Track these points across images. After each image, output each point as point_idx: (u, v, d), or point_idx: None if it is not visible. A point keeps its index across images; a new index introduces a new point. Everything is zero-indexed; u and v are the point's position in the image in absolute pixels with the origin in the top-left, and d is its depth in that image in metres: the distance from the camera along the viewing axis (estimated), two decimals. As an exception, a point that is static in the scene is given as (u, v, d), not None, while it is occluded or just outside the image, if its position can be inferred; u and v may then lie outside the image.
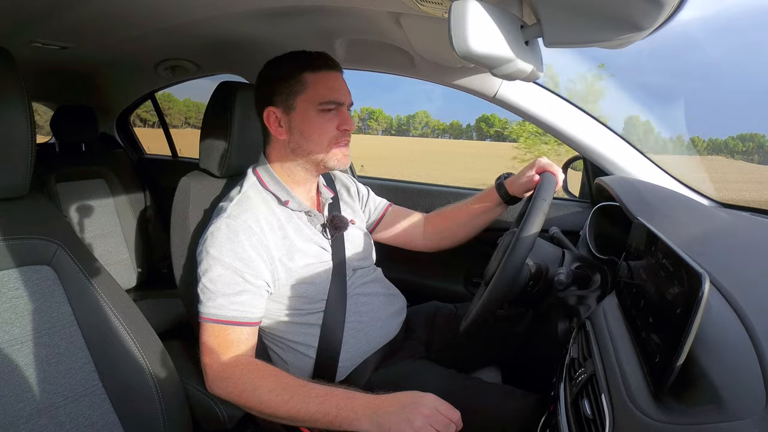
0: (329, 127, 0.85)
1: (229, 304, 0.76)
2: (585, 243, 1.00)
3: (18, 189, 0.67)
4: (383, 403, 0.67)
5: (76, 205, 1.72)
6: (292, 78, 0.84)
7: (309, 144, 0.86)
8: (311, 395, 0.69)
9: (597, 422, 0.49)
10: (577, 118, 1.10)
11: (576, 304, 0.78)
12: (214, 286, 0.76)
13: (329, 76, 0.85)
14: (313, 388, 0.71)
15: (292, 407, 0.69)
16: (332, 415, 0.67)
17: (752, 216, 0.93)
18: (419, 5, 0.70)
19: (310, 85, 0.84)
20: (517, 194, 1.01)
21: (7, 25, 0.97)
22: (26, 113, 0.64)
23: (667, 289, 0.48)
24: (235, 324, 0.76)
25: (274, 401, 0.70)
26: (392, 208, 1.14)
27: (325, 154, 0.86)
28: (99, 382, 0.70)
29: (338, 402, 0.68)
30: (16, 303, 0.64)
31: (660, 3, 0.45)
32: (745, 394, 0.36)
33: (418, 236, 1.12)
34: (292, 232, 0.86)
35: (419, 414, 0.63)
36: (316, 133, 0.85)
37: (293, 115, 0.85)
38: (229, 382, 0.73)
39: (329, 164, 0.87)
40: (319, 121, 0.84)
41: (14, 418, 0.61)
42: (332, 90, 0.85)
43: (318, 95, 0.83)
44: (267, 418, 0.72)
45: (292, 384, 0.72)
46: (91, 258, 0.74)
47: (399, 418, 0.64)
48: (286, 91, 0.84)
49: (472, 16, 0.47)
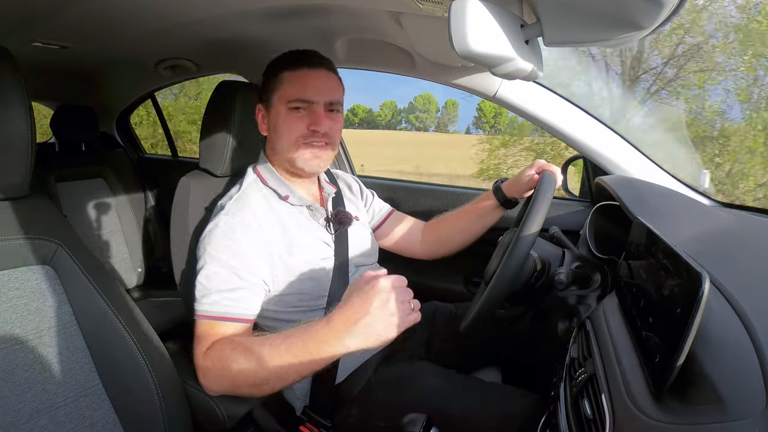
0: (298, 125, 0.84)
1: (222, 300, 0.75)
2: (585, 242, 1.00)
3: (18, 189, 0.67)
4: (349, 318, 0.62)
5: (76, 205, 1.71)
6: (274, 76, 0.86)
7: (280, 142, 0.86)
8: (278, 346, 0.66)
9: (597, 422, 0.49)
10: (577, 117, 1.10)
11: (576, 303, 0.78)
12: (210, 283, 0.76)
13: (307, 75, 0.84)
14: (277, 339, 0.67)
15: (268, 365, 0.65)
16: (305, 355, 0.64)
17: (752, 216, 0.93)
18: (419, 4, 0.70)
19: (285, 82, 0.84)
20: (516, 195, 1.01)
21: (7, 25, 0.97)
22: (26, 113, 0.64)
23: (667, 288, 0.48)
24: (226, 320, 0.75)
25: (251, 366, 0.67)
26: (394, 214, 1.14)
27: (293, 153, 0.85)
28: (99, 382, 0.70)
29: (304, 339, 0.64)
30: (16, 303, 0.64)
31: (660, 3, 0.45)
32: (745, 393, 0.36)
33: (416, 244, 1.12)
34: (293, 227, 0.85)
35: (386, 304, 0.61)
36: (285, 132, 0.85)
37: (272, 111, 0.86)
38: (214, 371, 0.71)
39: (297, 164, 0.86)
40: (289, 119, 0.84)
41: (14, 418, 0.61)
42: (304, 88, 0.83)
43: (288, 93, 0.84)
44: (265, 391, 0.69)
45: (261, 342, 0.68)
46: (92, 258, 0.74)
47: (377, 320, 0.61)
48: (269, 88, 0.86)
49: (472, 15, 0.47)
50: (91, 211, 1.77)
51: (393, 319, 0.61)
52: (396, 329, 0.62)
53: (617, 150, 1.09)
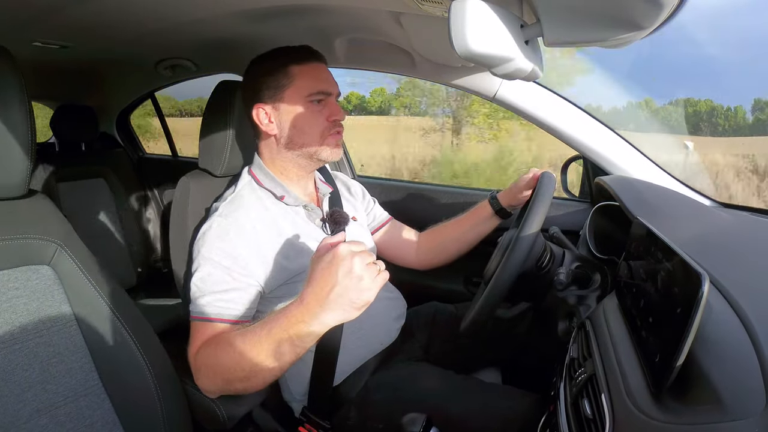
0: (320, 118, 0.84)
1: (215, 301, 0.74)
2: (585, 243, 1.00)
3: (18, 189, 0.67)
4: (319, 293, 0.61)
5: (77, 204, 1.71)
6: (278, 72, 0.83)
7: (302, 137, 0.85)
8: (260, 335, 0.65)
9: (597, 422, 0.49)
10: (577, 117, 1.10)
11: (576, 303, 0.78)
12: (203, 285, 0.75)
13: (315, 68, 0.85)
14: (257, 328, 0.66)
15: (253, 355, 0.64)
16: (287, 340, 0.63)
17: (752, 216, 0.93)
18: (419, 4, 0.70)
19: (297, 77, 0.83)
20: (512, 203, 1.02)
21: (7, 24, 0.97)
22: (26, 113, 0.64)
23: (667, 288, 0.48)
24: (219, 321, 0.74)
25: (237, 359, 0.66)
26: (392, 222, 1.13)
27: (318, 146, 0.85)
28: (99, 381, 0.70)
29: (282, 324, 0.63)
30: (15, 303, 0.64)
31: (660, 3, 0.45)
32: (745, 393, 0.36)
33: (411, 252, 1.12)
34: (288, 229, 0.84)
35: (351, 270, 0.59)
36: (307, 125, 0.84)
37: (283, 109, 0.84)
38: (205, 370, 0.71)
39: (322, 156, 0.87)
40: (309, 112, 0.84)
41: (14, 418, 0.61)
42: (319, 81, 0.84)
43: (305, 87, 0.83)
44: (256, 384, 0.68)
45: (243, 334, 0.67)
46: (91, 258, 0.74)
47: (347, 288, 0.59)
48: (274, 85, 0.84)
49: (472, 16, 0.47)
50: (91, 211, 1.77)
51: (362, 283, 0.59)
52: (369, 293, 0.60)
53: (617, 150, 1.09)
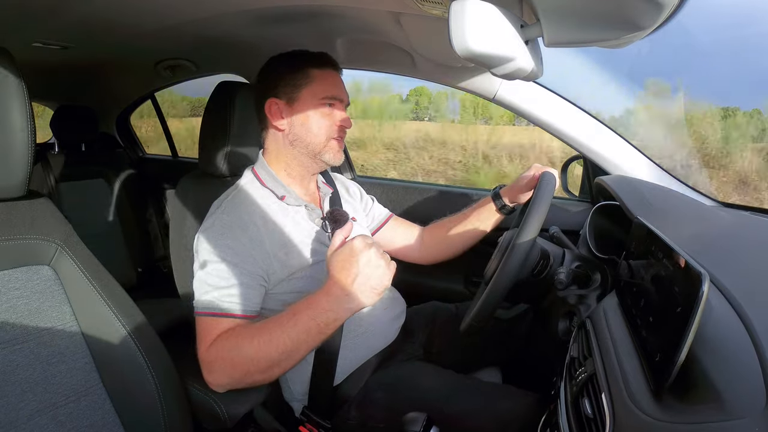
0: (329, 121, 0.87)
1: (222, 297, 0.75)
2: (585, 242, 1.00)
3: (18, 189, 0.67)
4: (345, 283, 0.69)
5: (77, 205, 1.72)
6: (299, 71, 0.86)
7: (309, 136, 0.87)
8: (285, 325, 0.70)
9: (597, 421, 0.49)
10: (577, 117, 1.10)
11: (576, 303, 0.78)
12: (208, 280, 0.76)
13: (333, 75, 0.89)
14: (282, 318, 0.71)
15: (279, 345, 0.69)
16: (314, 327, 0.69)
17: (752, 216, 0.93)
18: (419, 5, 0.70)
19: (316, 79, 0.86)
20: (515, 200, 1.02)
21: (7, 25, 0.97)
22: (26, 113, 0.64)
23: (668, 288, 0.48)
24: (228, 316, 0.75)
25: (261, 349, 0.69)
26: (393, 219, 1.14)
27: (322, 147, 0.88)
28: (99, 381, 0.70)
29: (309, 314, 0.70)
30: (16, 303, 0.64)
31: (660, 3, 0.45)
32: (745, 393, 0.36)
33: (414, 248, 1.12)
34: (289, 228, 0.85)
35: (370, 259, 0.69)
36: (316, 126, 0.87)
37: (296, 106, 0.86)
38: (221, 362, 0.72)
39: (325, 157, 0.89)
40: (320, 114, 0.87)
41: (15, 418, 0.61)
42: (335, 86, 0.88)
43: (322, 89, 0.86)
44: (275, 374, 0.72)
45: (265, 325, 0.72)
46: (91, 258, 0.74)
47: (369, 276, 0.69)
48: (292, 82, 0.86)
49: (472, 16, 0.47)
50: (91, 211, 1.77)
51: (380, 270, 0.70)
52: (387, 278, 0.71)
53: (617, 150, 1.09)
